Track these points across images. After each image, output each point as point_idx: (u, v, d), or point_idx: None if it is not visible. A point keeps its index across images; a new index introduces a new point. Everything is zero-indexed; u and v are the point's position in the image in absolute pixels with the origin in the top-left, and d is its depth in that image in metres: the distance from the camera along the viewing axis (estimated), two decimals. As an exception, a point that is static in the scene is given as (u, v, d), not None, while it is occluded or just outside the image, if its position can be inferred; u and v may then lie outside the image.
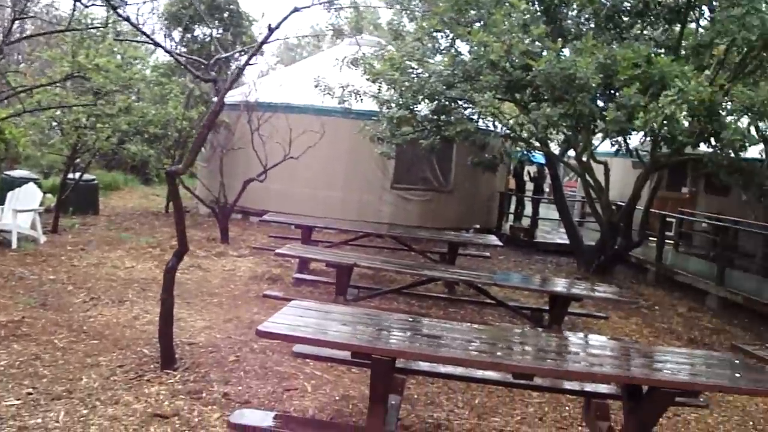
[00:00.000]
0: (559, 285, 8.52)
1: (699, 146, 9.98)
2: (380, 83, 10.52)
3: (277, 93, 14.22)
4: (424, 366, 4.93)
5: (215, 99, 5.31)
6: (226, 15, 21.16)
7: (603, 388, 4.88)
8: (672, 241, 14.61)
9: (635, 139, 11.57)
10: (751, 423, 5.97)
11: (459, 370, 4.97)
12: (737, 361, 4.66)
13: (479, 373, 4.99)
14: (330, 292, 8.32)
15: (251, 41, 18.74)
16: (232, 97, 12.28)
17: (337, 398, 5.34)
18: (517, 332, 5.91)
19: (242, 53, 13.03)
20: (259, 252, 10.86)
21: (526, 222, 16.96)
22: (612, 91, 8.93)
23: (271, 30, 4.77)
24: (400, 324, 4.77)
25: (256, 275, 9.43)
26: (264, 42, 5.05)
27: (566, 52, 9.23)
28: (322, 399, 5.29)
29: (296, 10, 4.66)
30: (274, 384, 5.44)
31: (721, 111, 8.18)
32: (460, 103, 10.76)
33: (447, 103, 10.58)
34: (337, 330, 4.33)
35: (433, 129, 11.03)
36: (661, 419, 5.52)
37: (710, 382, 4.14)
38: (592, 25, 10.29)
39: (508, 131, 11.13)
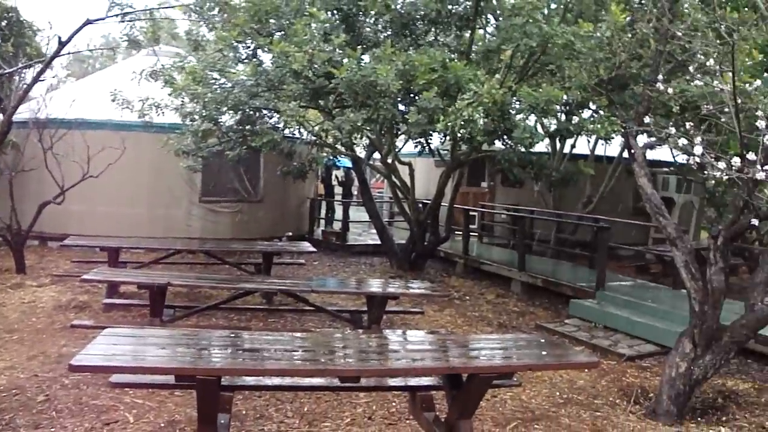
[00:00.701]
0: (375, 285, 8.77)
1: (494, 143, 10.71)
2: (183, 97, 10.21)
3: (70, 108, 13.32)
4: (251, 380, 4.87)
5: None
6: (4, 23, 19.48)
7: (426, 380, 5.09)
8: (476, 234, 15.54)
9: (436, 140, 12.16)
10: (557, 393, 6.52)
11: (286, 381, 4.97)
12: (543, 340, 5.06)
13: (306, 381, 5.02)
14: (144, 314, 7.96)
15: (37, 53, 17.40)
16: (19, 114, 11.35)
17: (162, 425, 5.13)
18: (339, 336, 6.00)
19: (27, 67, 12.06)
20: (63, 279, 10.12)
21: (337, 226, 17.23)
22: (412, 95, 9.33)
23: (62, 44, 4.49)
24: (221, 341, 4.66)
25: (61, 305, 8.79)
26: (54, 57, 4.74)
27: (367, 59, 9.51)
28: (146, 428, 5.05)
29: (89, 22, 4.41)
30: (92, 419, 5.11)
31: (511, 111, 8.83)
32: (265, 112, 10.72)
33: (252, 113, 10.49)
34: (155, 354, 4.15)
35: (239, 140, 10.89)
36: (482, 402, 5.88)
37: (522, 363, 4.47)
38: (390, 33, 10.69)
39: (314, 138, 11.25)
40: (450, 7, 10.42)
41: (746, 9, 7.62)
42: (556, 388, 6.70)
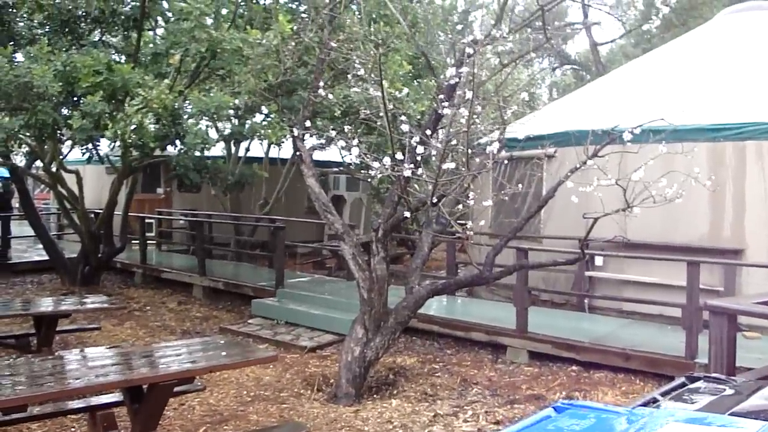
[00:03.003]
0: (44, 305, 8.08)
1: (167, 149, 10.48)
2: None
3: None
4: None
5: None
6: None
7: (107, 398, 4.87)
8: (154, 241, 15.08)
9: (105, 146, 11.55)
10: (245, 392, 6.65)
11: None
12: (222, 342, 5.14)
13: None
14: None
15: None
16: None
17: None
18: (5, 364, 5.44)
19: None
20: None
21: (-3, 243, 15.47)
22: (76, 99, 8.74)
23: None
24: None
25: None
26: None
27: (21, 57, 8.70)
28: None
29: None
30: None
31: (183, 115, 8.72)
32: None
33: None
34: None
35: None
36: (169, 411, 5.79)
37: (201, 366, 4.49)
38: (47, 30, 9.88)
39: (-39, 146, 9.98)
40: (115, 6, 9.93)
41: (398, 24, 8.50)
42: (243, 387, 6.82)
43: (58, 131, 9.36)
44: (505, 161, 7.71)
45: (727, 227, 8.37)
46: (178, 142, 9.16)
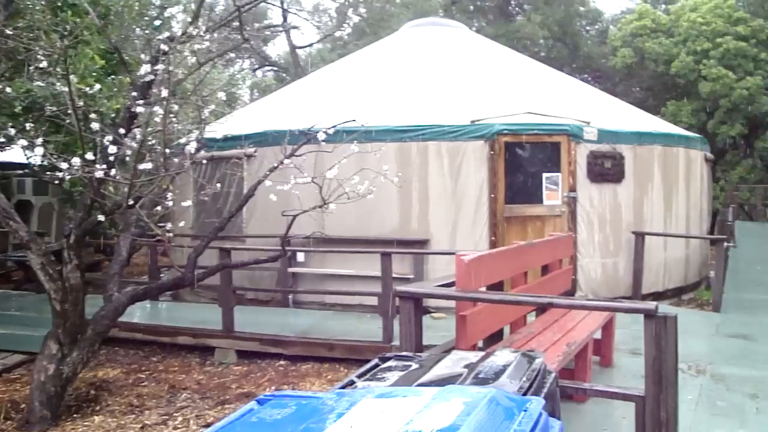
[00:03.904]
0: None
1: None
2: None
3: None
4: None
5: None
6: None
7: None
8: None
9: None
10: None
11: None
12: None
13: None
14: None
15: None
16: None
17: None
18: None
19: None
20: None
21: None
22: None
23: None
24: None
25: None
26: None
27: None
28: None
29: None
30: None
31: None
32: None
33: None
34: None
35: None
36: None
37: None
38: None
39: None
40: None
41: (88, 15, 7.95)
42: None
43: None
44: (205, 161, 7.64)
45: (414, 220, 9.19)
46: None
